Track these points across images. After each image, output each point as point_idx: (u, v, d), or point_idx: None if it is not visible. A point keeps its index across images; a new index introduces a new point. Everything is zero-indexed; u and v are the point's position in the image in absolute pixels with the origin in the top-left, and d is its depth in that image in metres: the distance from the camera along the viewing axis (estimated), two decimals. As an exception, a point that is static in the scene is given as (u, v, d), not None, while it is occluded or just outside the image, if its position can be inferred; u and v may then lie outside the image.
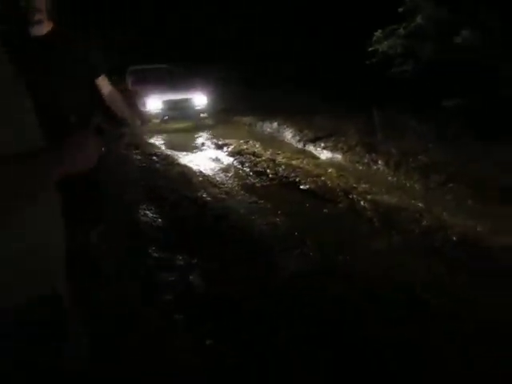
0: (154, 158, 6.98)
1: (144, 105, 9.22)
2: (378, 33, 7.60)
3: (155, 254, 3.39)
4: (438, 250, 3.58)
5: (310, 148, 7.72)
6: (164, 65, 11.24)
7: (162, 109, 9.49)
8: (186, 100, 9.92)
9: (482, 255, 3.42)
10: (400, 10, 7.15)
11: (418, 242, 3.74)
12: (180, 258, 3.36)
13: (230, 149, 7.61)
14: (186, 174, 6.14)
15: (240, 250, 3.56)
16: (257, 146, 7.71)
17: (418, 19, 7.08)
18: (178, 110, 9.66)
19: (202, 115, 9.98)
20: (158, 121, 9.31)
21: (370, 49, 7.65)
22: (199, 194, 5.09)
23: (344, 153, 6.91)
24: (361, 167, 6.39)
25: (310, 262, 3.44)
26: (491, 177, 5.03)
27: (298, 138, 8.31)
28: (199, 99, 10.04)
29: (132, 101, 7.34)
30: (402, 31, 7.32)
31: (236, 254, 3.48)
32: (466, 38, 6.41)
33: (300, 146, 8.05)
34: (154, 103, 9.45)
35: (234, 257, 3.41)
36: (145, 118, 7.83)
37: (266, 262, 3.39)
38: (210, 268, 3.25)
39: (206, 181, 5.86)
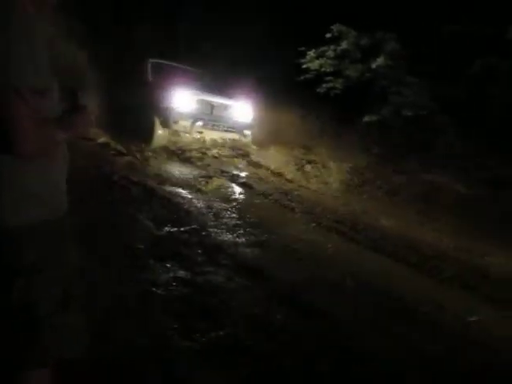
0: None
1: (169, 100, 7.06)
2: (312, 53, 8.86)
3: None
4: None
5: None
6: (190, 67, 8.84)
7: (195, 109, 7.20)
8: (228, 106, 7.63)
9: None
10: (327, 35, 8.44)
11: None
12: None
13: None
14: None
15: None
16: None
17: (344, 44, 8.44)
18: (214, 117, 7.47)
19: (245, 131, 7.78)
20: (187, 123, 7.11)
21: (304, 66, 8.90)
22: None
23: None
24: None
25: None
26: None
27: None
28: (243, 108, 7.81)
29: (151, 94, 7.18)
30: (331, 53, 8.65)
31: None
32: (380, 65, 7.88)
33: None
34: (184, 100, 7.10)
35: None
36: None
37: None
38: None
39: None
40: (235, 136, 7.64)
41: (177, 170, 6.21)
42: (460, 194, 6.20)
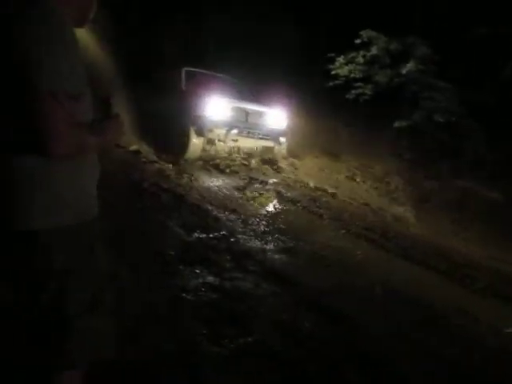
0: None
1: (203, 108, 6.90)
2: (341, 59, 8.83)
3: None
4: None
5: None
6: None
7: (230, 117, 7.04)
8: (263, 113, 7.45)
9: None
10: (357, 41, 8.39)
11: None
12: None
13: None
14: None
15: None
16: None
17: (373, 50, 8.38)
18: (249, 124, 7.28)
19: (281, 138, 7.55)
20: (222, 131, 6.96)
21: (333, 72, 8.87)
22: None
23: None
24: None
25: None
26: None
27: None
28: (278, 116, 7.60)
29: (185, 102, 7.06)
30: (360, 59, 8.59)
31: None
32: (410, 70, 7.78)
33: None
34: (218, 108, 6.96)
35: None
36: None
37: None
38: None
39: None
40: (270, 144, 7.49)
41: (208, 177, 6.24)
42: (492, 200, 6.04)
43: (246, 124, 7.16)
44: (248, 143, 7.34)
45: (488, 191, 6.31)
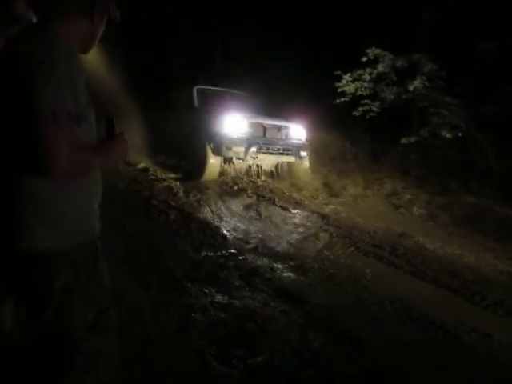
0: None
1: (219, 126, 6.63)
2: (347, 76, 8.89)
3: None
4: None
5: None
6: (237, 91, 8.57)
7: (247, 133, 6.73)
8: (281, 127, 7.21)
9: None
10: (363, 59, 8.45)
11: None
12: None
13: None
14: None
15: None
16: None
17: (380, 67, 8.43)
18: (268, 140, 6.96)
19: (302, 153, 7.19)
20: (240, 149, 6.60)
21: (340, 90, 8.92)
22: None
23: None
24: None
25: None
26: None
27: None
28: (297, 129, 7.37)
29: (200, 121, 6.83)
30: (367, 76, 8.65)
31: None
32: (416, 87, 7.82)
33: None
34: (234, 124, 6.67)
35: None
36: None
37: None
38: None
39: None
40: (291, 159, 7.16)
41: (222, 199, 6.11)
42: (503, 215, 5.99)
43: (264, 140, 6.88)
44: (268, 160, 7.14)
45: (498, 206, 6.27)
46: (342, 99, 8.84)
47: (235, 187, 6.60)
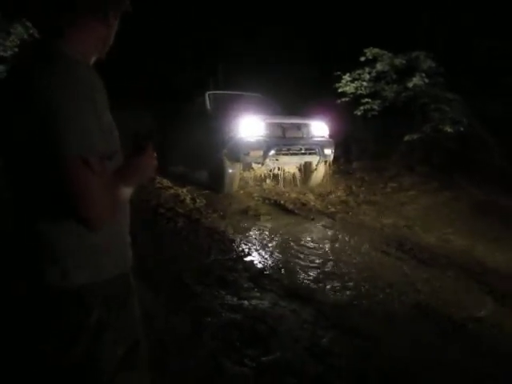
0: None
1: (234, 130, 6.22)
2: (347, 76, 8.92)
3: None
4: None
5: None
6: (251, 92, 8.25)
7: (265, 135, 6.29)
8: (301, 126, 6.74)
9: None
10: (361, 58, 8.49)
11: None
12: None
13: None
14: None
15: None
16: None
17: (379, 66, 8.47)
18: (288, 140, 6.52)
19: (326, 150, 6.77)
20: (259, 153, 6.17)
21: (340, 90, 8.95)
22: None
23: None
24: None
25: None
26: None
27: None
28: (318, 126, 6.92)
29: (214, 127, 6.51)
30: (366, 76, 8.68)
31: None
32: (416, 84, 7.85)
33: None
34: (251, 127, 6.23)
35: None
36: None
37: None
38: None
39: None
40: (315, 158, 6.76)
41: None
42: (506, 208, 6.00)
43: (284, 140, 6.44)
44: (290, 161, 6.70)
45: (504, 199, 6.27)
46: (343, 99, 8.88)
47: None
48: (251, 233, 4.98)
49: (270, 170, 6.83)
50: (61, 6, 1.10)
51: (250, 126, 6.23)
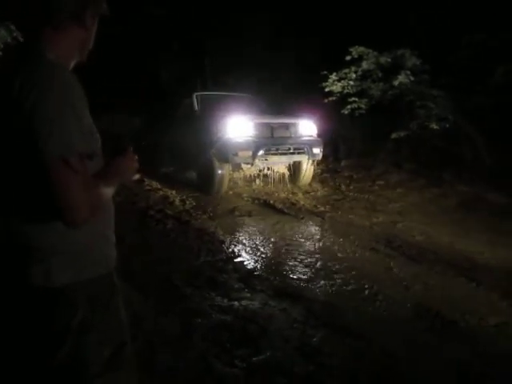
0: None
1: (222, 131, 6.24)
2: (333, 76, 8.96)
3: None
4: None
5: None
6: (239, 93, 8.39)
7: (254, 135, 6.35)
8: (290, 125, 6.82)
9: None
10: (347, 58, 8.54)
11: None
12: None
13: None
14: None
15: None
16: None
17: (364, 64, 8.52)
18: (277, 140, 6.56)
19: (314, 149, 6.84)
20: (248, 153, 6.21)
21: (327, 89, 8.99)
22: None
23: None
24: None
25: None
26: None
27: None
28: (306, 125, 7.02)
29: (202, 128, 6.53)
30: (352, 75, 8.73)
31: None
32: (401, 81, 7.91)
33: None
34: (239, 127, 6.27)
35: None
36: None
37: None
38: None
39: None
40: (304, 157, 6.82)
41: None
42: (495, 204, 6.06)
43: (272, 140, 6.50)
44: (279, 160, 6.77)
45: (491, 195, 6.33)
46: (330, 98, 8.90)
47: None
48: (241, 233, 4.98)
49: (260, 170, 6.90)
50: (37, 9, 1.12)
51: (238, 127, 6.27)
